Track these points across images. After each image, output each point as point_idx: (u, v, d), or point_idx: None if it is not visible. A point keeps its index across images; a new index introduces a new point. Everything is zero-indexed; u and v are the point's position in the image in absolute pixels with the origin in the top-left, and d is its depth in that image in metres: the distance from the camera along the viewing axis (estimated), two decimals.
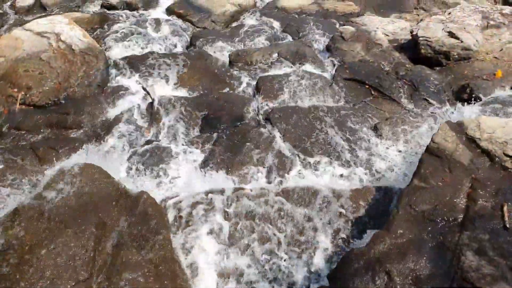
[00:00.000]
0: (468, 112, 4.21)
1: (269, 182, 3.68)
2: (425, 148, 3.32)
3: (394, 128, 4.13)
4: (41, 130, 4.23)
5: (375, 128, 4.20)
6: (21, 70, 4.64)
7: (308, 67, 5.19)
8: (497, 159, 3.06)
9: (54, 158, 3.82)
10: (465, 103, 4.39)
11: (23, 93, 4.50)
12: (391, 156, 3.90)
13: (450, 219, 2.75)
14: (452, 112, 4.33)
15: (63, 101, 4.56)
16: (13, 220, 2.87)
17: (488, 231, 2.58)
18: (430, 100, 4.54)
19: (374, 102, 4.58)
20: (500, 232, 2.57)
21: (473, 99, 4.37)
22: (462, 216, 2.78)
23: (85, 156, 3.81)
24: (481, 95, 4.37)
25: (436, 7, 6.98)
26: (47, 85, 4.60)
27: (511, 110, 4.07)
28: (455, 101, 4.55)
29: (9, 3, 7.20)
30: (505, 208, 2.68)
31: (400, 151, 3.94)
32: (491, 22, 5.33)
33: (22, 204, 3.01)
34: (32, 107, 4.49)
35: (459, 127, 3.36)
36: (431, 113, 4.38)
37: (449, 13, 5.59)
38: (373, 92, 4.72)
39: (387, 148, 3.98)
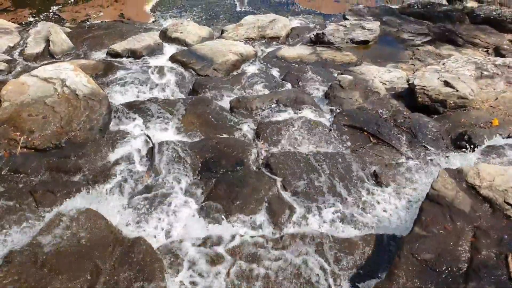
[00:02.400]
0: (466, 160, 4.24)
1: (269, 228, 3.62)
2: (425, 195, 3.31)
3: (394, 175, 4.13)
4: (41, 174, 4.23)
5: (374, 175, 4.20)
6: (25, 114, 4.73)
7: (307, 113, 5.28)
8: (498, 207, 3.04)
9: (52, 202, 3.79)
10: (464, 151, 4.43)
11: (25, 136, 4.55)
12: (391, 203, 3.87)
13: (454, 269, 2.68)
14: (451, 159, 4.36)
15: (64, 145, 4.60)
16: (6, 266, 2.80)
17: (494, 282, 2.51)
18: (429, 147, 4.58)
19: (373, 149, 4.61)
20: (505, 283, 2.50)
21: (471, 146, 4.41)
22: (466, 265, 2.71)
23: (83, 200, 3.78)
24: (479, 143, 4.42)
25: (430, 58, 7.21)
26: (50, 129, 4.66)
27: (509, 158, 4.10)
28: (454, 148, 4.59)
29: (18, 51, 7.45)
30: (509, 259, 2.63)
31: (399, 198, 3.92)
32: (485, 73, 5.49)
33: (16, 249, 2.95)
34: (33, 151, 4.52)
35: (458, 174, 3.37)
36: (430, 160, 4.39)
37: (444, 64, 5.78)
38: (371, 139, 4.77)
39: (387, 194, 3.96)
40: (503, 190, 3.11)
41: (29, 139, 4.55)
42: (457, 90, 5.08)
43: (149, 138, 4.80)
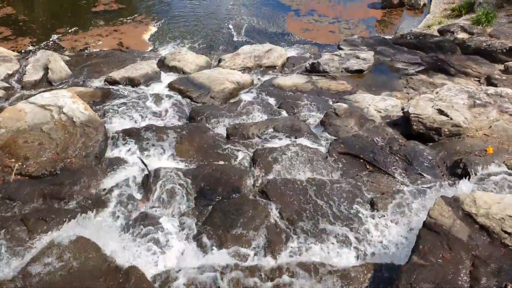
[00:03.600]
0: (462, 187, 4.24)
1: (265, 257, 3.56)
2: (422, 223, 3.29)
3: (390, 203, 4.11)
4: (34, 201, 4.18)
5: (371, 203, 4.18)
6: (20, 141, 4.72)
7: (303, 141, 5.31)
8: (496, 235, 3.02)
9: (45, 230, 3.72)
10: (459, 178, 4.43)
11: (20, 163, 4.52)
12: (388, 231, 3.84)
13: None
14: (447, 187, 4.36)
15: (59, 172, 4.57)
16: None
17: None
18: (425, 175, 4.59)
19: (369, 176, 4.61)
20: None
21: (467, 174, 4.42)
22: None
23: (76, 228, 3.72)
24: (474, 171, 4.43)
25: (424, 86, 7.33)
26: (45, 155, 4.65)
27: (504, 186, 4.11)
28: (449, 176, 4.60)
29: (16, 78, 7.51)
30: None
31: (397, 226, 3.88)
32: (478, 101, 5.58)
33: (6, 279, 2.87)
34: (27, 178, 4.49)
35: (454, 202, 3.36)
36: (426, 187, 4.39)
37: (437, 92, 5.87)
38: (368, 166, 4.78)
39: (384, 222, 3.93)
40: (500, 218, 3.10)
41: (24, 166, 4.52)
42: (451, 118, 5.14)
43: (145, 165, 4.78)
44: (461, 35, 9.46)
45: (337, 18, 11.67)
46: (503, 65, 7.71)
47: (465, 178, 4.38)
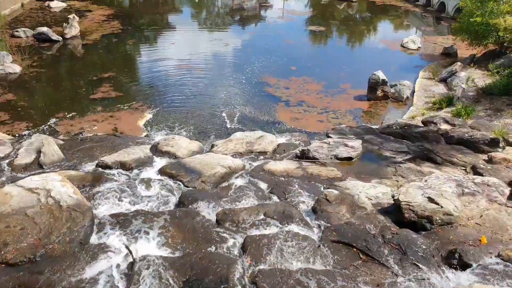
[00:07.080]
0: (460, 279, 4.10)
1: None
2: None
3: None
4: None
5: None
6: (2, 226, 4.55)
7: (295, 228, 5.20)
8: None
9: None
10: (455, 269, 4.30)
11: None
12: None
13: None
14: (444, 278, 4.20)
15: (39, 259, 4.34)
16: None
17: None
18: (420, 265, 4.45)
19: (363, 266, 4.45)
20: None
21: (462, 265, 4.30)
22: None
23: None
24: (470, 261, 4.33)
25: (413, 174, 7.46)
26: (26, 241, 4.45)
27: (501, 276, 3.98)
28: (445, 266, 4.46)
29: (7, 161, 7.50)
30: None
31: None
32: (466, 190, 5.65)
33: None
34: (3, 265, 4.24)
35: None
36: (422, 279, 4.23)
37: (426, 180, 5.96)
38: (361, 256, 4.64)
39: None
40: None
41: (2, 252, 4.30)
42: (442, 206, 5.15)
43: (130, 252, 4.58)
44: (444, 126, 9.90)
45: (325, 108, 12.25)
46: (486, 155, 7.96)
47: (461, 269, 4.25)
